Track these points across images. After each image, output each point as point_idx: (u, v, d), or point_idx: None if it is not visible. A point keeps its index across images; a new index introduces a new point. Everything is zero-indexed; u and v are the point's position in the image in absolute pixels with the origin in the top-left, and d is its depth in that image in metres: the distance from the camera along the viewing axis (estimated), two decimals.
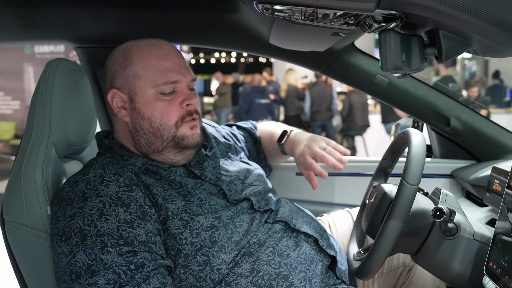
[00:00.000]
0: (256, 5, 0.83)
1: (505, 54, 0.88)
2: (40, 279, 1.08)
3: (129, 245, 0.97)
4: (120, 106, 1.18)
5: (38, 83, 1.14)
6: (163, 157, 1.18)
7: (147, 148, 1.17)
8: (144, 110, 1.15)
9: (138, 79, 1.15)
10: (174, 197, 1.10)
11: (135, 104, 1.15)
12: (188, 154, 1.20)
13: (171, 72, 1.15)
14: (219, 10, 1.44)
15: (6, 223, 1.06)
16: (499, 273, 0.89)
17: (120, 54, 1.18)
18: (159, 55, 1.16)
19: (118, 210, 1.00)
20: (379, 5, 0.76)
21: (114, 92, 1.18)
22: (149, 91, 1.14)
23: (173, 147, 1.17)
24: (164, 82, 1.14)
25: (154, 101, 1.14)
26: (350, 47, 1.59)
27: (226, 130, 1.48)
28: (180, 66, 1.17)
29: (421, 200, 1.11)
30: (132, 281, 0.94)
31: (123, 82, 1.16)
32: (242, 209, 1.17)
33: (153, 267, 0.97)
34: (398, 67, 0.86)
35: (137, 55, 1.16)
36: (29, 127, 1.13)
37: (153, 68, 1.14)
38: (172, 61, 1.17)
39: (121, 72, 1.17)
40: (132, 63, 1.16)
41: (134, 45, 1.18)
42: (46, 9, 1.39)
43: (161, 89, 1.14)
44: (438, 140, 1.81)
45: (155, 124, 1.15)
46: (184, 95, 1.16)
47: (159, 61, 1.15)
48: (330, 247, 1.21)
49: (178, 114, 1.16)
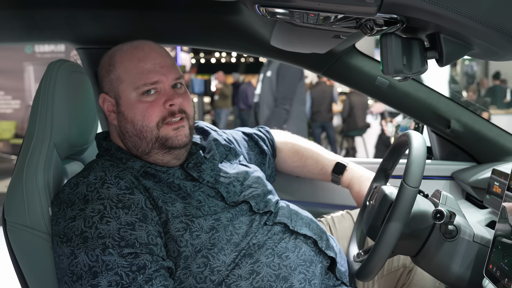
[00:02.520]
0: (258, 8, 0.83)
1: (505, 57, 0.88)
2: (41, 279, 1.08)
3: (130, 246, 0.97)
4: (111, 110, 1.19)
5: (40, 84, 1.14)
6: (153, 158, 1.18)
7: (135, 151, 1.18)
8: (127, 113, 1.15)
9: (121, 82, 1.16)
10: (174, 200, 1.10)
11: (120, 107, 1.17)
12: (177, 154, 1.19)
13: (150, 73, 1.14)
14: (220, 12, 1.44)
15: (7, 223, 1.06)
16: (499, 275, 0.89)
17: (106, 59, 1.20)
18: (139, 57, 1.16)
19: (119, 213, 1.01)
20: (380, 9, 0.77)
21: (103, 97, 1.20)
22: (131, 94, 1.15)
23: (159, 148, 1.17)
24: (143, 83, 1.14)
25: (136, 103, 1.15)
26: (351, 49, 1.60)
27: (228, 134, 1.49)
28: (161, 66, 1.16)
29: (421, 202, 1.11)
30: (135, 282, 0.94)
31: (109, 87, 1.18)
32: (241, 211, 1.18)
33: (154, 268, 0.97)
34: (399, 71, 0.87)
35: (119, 59, 1.17)
36: (31, 128, 1.14)
37: (133, 71, 1.15)
38: (152, 61, 1.16)
39: (107, 76, 1.19)
40: (115, 67, 1.17)
41: (119, 49, 1.20)
42: (48, 10, 1.39)
43: (142, 90, 1.14)
44: (438, 142, 1.81)
45: (137, 126, 1.15)
46: (166, 96, 1.16)
47: (139, 63, 1.15)
48: (329, 248, 1.21)
49: (159, 115, 1.15)
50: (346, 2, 0.77)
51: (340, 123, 8.20)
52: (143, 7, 1.43)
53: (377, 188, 1.23)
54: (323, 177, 1.58)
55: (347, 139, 8.03)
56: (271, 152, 1.56)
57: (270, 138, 1.59)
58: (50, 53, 7.76)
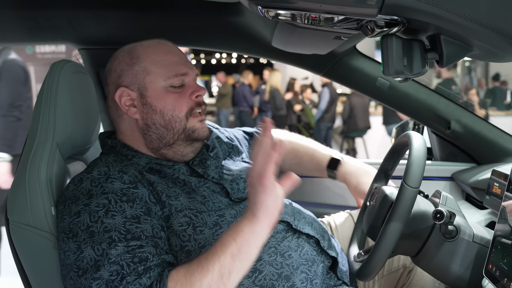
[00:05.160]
0: (259, 9, 0.84)
1: (505, 59, 0.89)
2: (43, 278, 1.08)
3: (136, 239, 0.98)
4: (129, 104, 1.19)
5: (43, 85, 1.15)
6: (174, 150, 1.20)
7: (159, 143, 1.18)
8: (156, 104, 1.17)
9: (148, 74, 1.17)
10: (178, 194, 1.11)
11: (146, 99, 1.17)
12: (196, 147, 1.23)
13: (179, 65, 1.18)
14: (222, 13, 1.45)
15: (10, 223, 1.07)
16: (498, 275, 0.90)
17: (125, 54, 1.20)
18: (165, 50, 1.20)
19: (124, 206, 1.01)
20: (381, 11, 0.77)
21: (122, 91, 1.18)
22: (160, 84, 1.17)
23: (184, 139, 1.19)
24: (174, 74, 1.17)
25: (166, 94, 1.17)
26: (351, 50, 1.60)
27: (230, 132, 1.49)
28: (185, 61, 1.21)
29: (421, 202, 1.12)
30: (134, 272, 0.94)
31: (132, 80, 1.18)
32: (246, 208, 1.18)
33: (156, 262, 0.97)
34: (400, 72, 0.87)
35: (144, 52, 1.19)
36: (33, 128, 1.14)
37: (162, 62, 1.18)
38: (178, 56, 1.21)
39: (129, 70, 1.18)
40: (140, 59, 1.18)
41: (138, 45, 1.21)
42: (50, 10, 1.40)
43: (172, 81, 1.17)
44: (438, 143, 1.82)
45: (167, 116, 1.17)
46: (193, 87, 1.20)
47: (167, 56, 1.19)
48: (331, 248, 1.22)
49: (188, 105, 1.18)
50: (347, 4, 0.77)
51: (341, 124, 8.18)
52: (145, 8, 1.44)
53: (377, 188, 1.23)
54: (320, 173, 1.57)
55: (347, 140, 8.03)
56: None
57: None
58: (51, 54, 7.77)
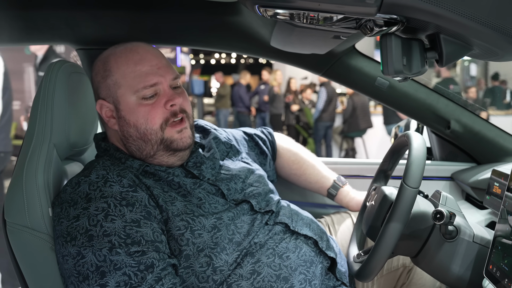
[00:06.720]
0: (258, 9, 0.83)
1: (505, 58, 0.88)
2: (41, 280, 1.08)
3: (136, 244, 0.97)
4: (109, 116, 1.18)
5: (40, 85, 1.14)
6: (158, 160, 1.18)
7: (140, 154, 1.17)
8: (129, 117, 1.15)
9: (119, 87, 1.15)
10: (174, 199, 1.10)
11: (120, 112, 1.16)
12: (182, 155, 1.20)
13: (148, 75, 1.14)
14: (220, 13, 1.44)
15: (7, 224, 1.06)
16: (499, 276, 0.89)
17: (100, 65, 1.19)
18: (135, 60, 1.15)
19: (124, 210, 1.01)
20: (380, 10, 0.77)
21: (101, 103, 1.18)
22: (131, 98, 1.14)
23: (164, 150, 1.16)
24: (143, 86, 1.13)
25: (137, 107, 1.14)
26: (351, 49, 1.60)
27: (229, 132, 1.49)
28: (158, 68, 1.16)
29: (421, 202, 1.11)
30: (144, 282, 0.94)
31: (107, 92, 1.17)
32: (243, 210, 1.18)
33: (162, 266, 0.98)
34: (399, 71, 0.87)
35: (115, 63, 1.16)
36: (30, 128, 1.14)
37: (131, 75, 1.14)
38: (149, 63, 1.15)
39: (103, 82, 1.17)
40: (111, 72, 1.16)
41: (112, 53, 1.18)
42: (47, 11, 1.39)
43: (142, 94, 1.13)
44: (438, 142, 1.82)
45: (141, 130, 1.14)
46: (167, 96, 1.15)
47: (136, 66, 1.14)
48: (329, 249, 1.22)
49: (162, 116, 1.15)
50: (346, 3, 0.77)
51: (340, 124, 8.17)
52: (142, 7, 1.43)
53: (377, 188, 1.23)
54: (318, 191, 1.61)
55: (346, 140, 8.01)
56: (271, 154, 1.56)
57: (272, 140, 1.59)
58: None
